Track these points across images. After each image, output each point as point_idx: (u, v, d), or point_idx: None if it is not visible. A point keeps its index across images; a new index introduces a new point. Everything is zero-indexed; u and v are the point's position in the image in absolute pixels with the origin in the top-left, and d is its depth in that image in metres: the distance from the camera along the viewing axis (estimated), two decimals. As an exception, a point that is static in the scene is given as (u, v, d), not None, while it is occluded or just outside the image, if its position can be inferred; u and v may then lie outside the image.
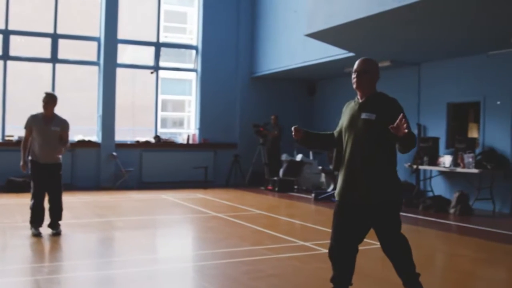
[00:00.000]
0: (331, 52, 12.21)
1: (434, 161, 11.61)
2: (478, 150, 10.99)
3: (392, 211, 4.12)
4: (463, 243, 7.95)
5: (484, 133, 11.16)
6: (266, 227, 8.61)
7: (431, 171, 12.19)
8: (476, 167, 10.50)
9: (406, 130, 3.71)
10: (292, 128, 4.36)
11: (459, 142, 11.21)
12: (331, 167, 13.68)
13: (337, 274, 4.18)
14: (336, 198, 4.22)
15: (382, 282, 5.45)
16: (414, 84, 13.03)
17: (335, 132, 4.40)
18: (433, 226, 9.23)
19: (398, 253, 4.18)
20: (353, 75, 4.11)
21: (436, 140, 11.76)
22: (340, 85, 15.73)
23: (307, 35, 10.66)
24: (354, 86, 4.14)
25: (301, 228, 8.85)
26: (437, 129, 12.26)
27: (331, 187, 13.38)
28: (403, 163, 12.42)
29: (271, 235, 7.90)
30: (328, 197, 12.43)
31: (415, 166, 12.15)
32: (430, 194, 12.06)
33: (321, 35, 10.51)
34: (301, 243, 7.31)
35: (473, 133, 12.96)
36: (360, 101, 4.14)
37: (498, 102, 10.78)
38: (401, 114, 3.78)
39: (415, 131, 12.74)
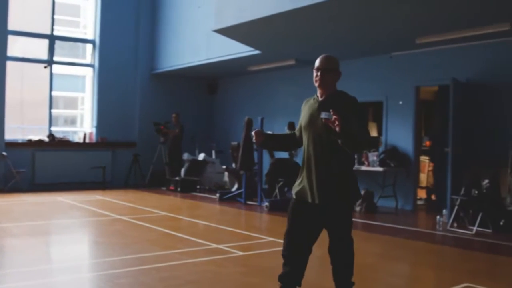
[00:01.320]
0: (236, 50, 12.00)
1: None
2: (381, 149, 11.20)
3: (346, 211, 4.05)
4: (369, 240, 7.97)
5: (386, 132, 11.39)
6: (175, 229, 8.23)
7: (333, 169, 12.27)
8: (380, 165, 10.72)
9: (338, 126, 3.59)
10: (253, 133, 4.17)
11: (363, 141, 11.37)
12: (234, 165, 13.52)
13: (289, 272, 4.08)
14: (293, 196, 4.12)
15: None
16: (318, 83, 13.07)
17: (297, 131, 4.26)
18: None
19: (343, 255, 4.08)
20: (316, 73, 3.97)
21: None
22: (242, 83, 15.60)
23: (215, 31, 10.36)
24: (317, 84, 4.01)
25: (212, 230, 8.54)
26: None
27: (235, 186, 13.19)
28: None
29: (182, 238, 7.54)
30: (233, 197, 12.22)
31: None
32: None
33: (230, 31, 10.26)
34: (215, 245, 7.01)
35: (372, 132, 13.26)
36: (320, 99, 4.00)
37: (400, 102, 11.04)
38: (331, 110, 3.65)
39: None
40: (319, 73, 3.95)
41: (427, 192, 12.90)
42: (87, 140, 14.73)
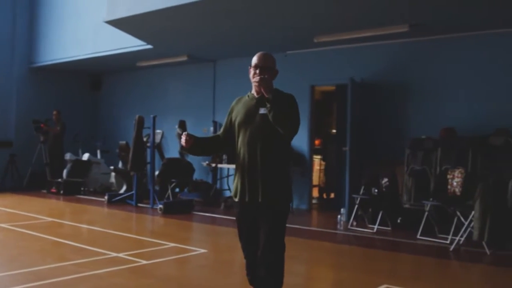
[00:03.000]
0: (126, 43, 11.40)
1: (232, 159, 11.47)
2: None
3: (281, 212, 3.82)
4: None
5: (282, 131, 11.28)
6: (66, 237, 7.52)
7: (228, 169, 12.06)
8: (276, 164, 10.57)
9: (263, 87, 3.61)
10: (184, 135, 3.82)
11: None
12: (121, 165, 12.87)
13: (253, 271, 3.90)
14: (234, 198, 3.90)
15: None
16: (210, 80, 12.81)
17: (221, 133, 4.04)
18: (231, 224, 9.07)
19: (271, 262, 3.78)
20: (255, 70, 3.79)
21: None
22: (130, 79, 14.95)
23: (106, 22, 9.67)
24: (258, 82, 3.74)
25: (107, 237, 7.90)
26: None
27: (124, 188, 12.54)
28: (201, 162, 12.12)
29: (76, 247, 6.87)
30: (122, 199, 11.56)
31: (213, 165, 11.90)
32: (228, 193, 11.92)
33: (122, 23, 9.65)
34: (114, 254, 6.44)
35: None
36: (257, 96, 3.82)
37: (296, 101, 10.96)
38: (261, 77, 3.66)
39: (211, 129, 12.51)
40: (257, 71, 3.74)
41: (319, 191, 13.01)
42: (-44, 139, 13.36)
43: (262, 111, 3.70)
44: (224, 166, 11.88)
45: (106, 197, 11.58)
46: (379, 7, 7.93)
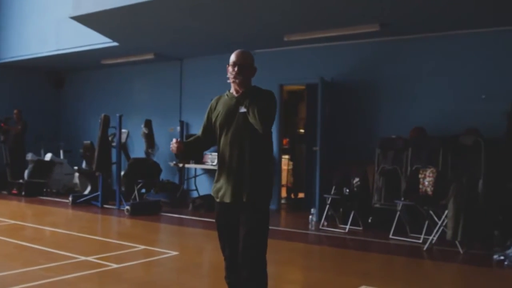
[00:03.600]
0: (91, 40, 11.11)
1: (199, 160, 11.33)
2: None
3: (264, 211, 3.75)
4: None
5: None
6: (31, 240, 7.26)
7: (195, 169, 11.89)
8: (246, 165, 10.45)
9: (234, 78, 3.65)
10: (175, 142, 3.77)
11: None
12: (84, 166, 12.58)
13: (233, 273, 3.81)
14: (216, 199, 3.82)
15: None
16: (177, 79, 12.61)
17: (201, 134, 3.97)
18: (200, 225, 9.08)
19: (252, 260, 3.68)
20: (233, 68, 3.69)
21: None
22: (94, 77, 14.61)
23: (72, 18, 9.36)
24: (234, 80, 3.71)
25: (73, 240, 7.64)
26: (200, 127, 11.98)
27: (89, 188, 12.24)
28: (168, 162, 11.93)
29: (42, 251, 6.62)
30: (87, 200, 11.26)
31: (181, 165, 11.72)
32: (195, 193, 11.76)
33: (89, 19, 9.35)
34: (83, 258, 6.23)
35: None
36: (236, 95, 3.74)
37: (265, 100, 10.86)
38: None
39: (177, 128, 12.33)
40: (236, 69, 3.64)
41: (287, 191, 12.93)
42: None
43: (242, 109, 3.64)
44: (192, 166, 11.71)
45: (70, 199, 11.24)
46: (350, 6, 7.88)
